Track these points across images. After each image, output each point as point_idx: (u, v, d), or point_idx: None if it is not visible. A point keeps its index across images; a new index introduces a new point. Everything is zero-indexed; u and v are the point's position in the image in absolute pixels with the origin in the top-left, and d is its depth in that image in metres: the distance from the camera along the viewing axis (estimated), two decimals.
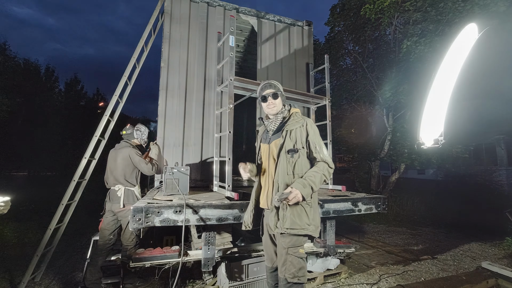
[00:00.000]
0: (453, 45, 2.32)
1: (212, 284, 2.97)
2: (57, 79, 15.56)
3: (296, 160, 1.78)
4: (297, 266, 1.72)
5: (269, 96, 1.93)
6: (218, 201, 2.37)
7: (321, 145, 1.82)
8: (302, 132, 1.82)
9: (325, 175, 1.75)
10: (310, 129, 1.83)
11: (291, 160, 1.78)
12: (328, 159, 1.80)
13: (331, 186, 3.88)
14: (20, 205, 6.50)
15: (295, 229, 1.70)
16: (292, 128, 1.83)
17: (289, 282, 1.71)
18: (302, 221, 1.72)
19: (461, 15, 6.71)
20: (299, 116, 1.92)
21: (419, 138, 2.47)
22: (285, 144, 1.80)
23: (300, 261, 1.74)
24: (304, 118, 1.89)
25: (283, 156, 1.79)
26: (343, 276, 3.44)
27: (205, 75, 4.02)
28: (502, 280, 3.21)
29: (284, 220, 1.71)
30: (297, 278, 1.71)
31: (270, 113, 1.97)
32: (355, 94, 10.74)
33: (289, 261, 1.73)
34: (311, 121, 1.89)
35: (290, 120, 1.89)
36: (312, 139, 1.82)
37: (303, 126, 1.84)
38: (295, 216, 1.71)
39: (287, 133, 1.82)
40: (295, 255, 1.73)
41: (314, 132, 1.84)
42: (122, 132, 3.37)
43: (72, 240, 5.09)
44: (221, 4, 4.27)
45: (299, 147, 1.80)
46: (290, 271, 1.71)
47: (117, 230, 3.14)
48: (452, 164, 10.45)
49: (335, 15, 10.71)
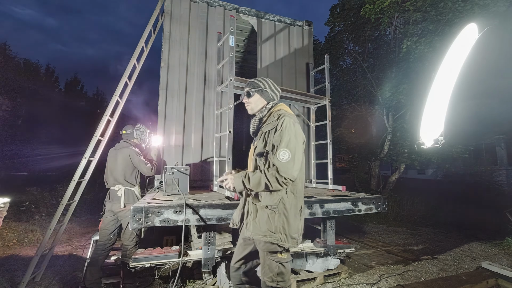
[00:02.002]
0: (453, 45, 2.32)
1: (212, 284, 2.97)
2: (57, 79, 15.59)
3: (264, 162, 1.69)
4: (274, 271, 1.67)
5: (244, 95, 1.91)
6: (218, 201, 2.37)
7: (280, 146, 1.57)
8: (273, 133, 1.67)
9: (268, 180, 1.53)
10: (279, 130, 1.62)
11: (260, 163, 1.71)
12: (281, 164, 1.53)
13: (331, 186, 3.88)
14: (20, 205, 6.50)
15: (257, 234, 1.66)
16: (265, 130, 1.72)
17: (268, 285, 1.68)
18: (263, 227, 1.64)
19: (461, 15, 6.71)
20: (276, 115, 1.73)
21: (419, 138, 2.47)
22: (257, 147, 1.74)
23: (279, 266, 1.68)
24: (280, 119, 1.67)
25: (255, 160, 1.76)
26: (343, 276, 3.44)
27: (205, 75, 4.02)
28: (502, 280, 3.21)
29: (248, 224, 1.72)
30: (275, 282, 1.66)
31: (249, 112, 1.93)
32: (355, 94, 10.74)
33: (267, 264, 1.70)
34: (287, 121, 1.64)
35: (267, 121, 1.79)
36: (276, 140, 1.61)
37: (274, 127, 1.67)
38: (257, 221, 1.68)
39: (261, 136, 1.75)
40: (273, 259, 1.68)
41: (282, 133, 1.60)
42: (122, 132, 3.37)
43: (72, 240, 5.09)
44: (221, 4, 4.27)
45: (269, 149, 1.66)
46: (268, 275, 1.68)
47: (117, 230, 3.14)
48: (452, 164, 10.46)
49: (335, 15, 10.72)
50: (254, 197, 1.73)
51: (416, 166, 9.51)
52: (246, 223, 1.77)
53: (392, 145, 9.24)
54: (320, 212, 2.70)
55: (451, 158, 8.96)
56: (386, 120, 9.71)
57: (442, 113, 2.34)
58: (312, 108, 4.53)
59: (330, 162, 4.03)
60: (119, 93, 3.89)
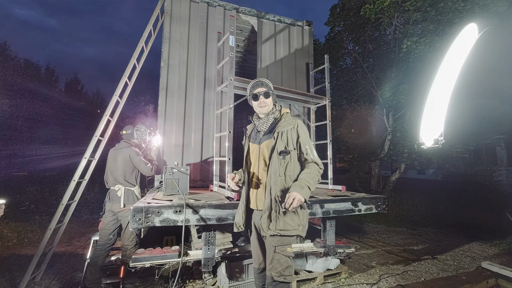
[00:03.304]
0: (453, 45, 2.32)
1: (212, 284, 2.97)
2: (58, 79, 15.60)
3: (287, 161, 1.78)
4: (284, 265, 1.73)
5: (260, 95, 1.90)
6: (218, 201, 2.37)
7: (311, 146, 1.84)
8: (293, 133, 1.82)
9: (317, 175, 1.78)
10: (301, 131, 1.84)
11: (282, 161, 1.77)
12: (318, 160, 1.82)
13: (331, 186, 3.88)
14: (20, 205, 6.50)
15: (287, 230, 1.71)
16: (283, 130, 1.81)
17: (275, 280, 1.71)
18: (294, 222, 1.73)
19: (461, 15, 6.71)
20: (290, 117, 1.91)
21: (419, 138, 2.47)
22: (277, 145, 1.79)
23: (287, 259, 1.75)
24: (295, 120, 1.88)
25: (275, 158, 1.78)
26: (343, 276, 3.44)
27: (205, 75, 4.02)
28: (502, 280, 3.21)
29: (277, 221, 1.71)
30: (283, 277, 1.71)
31: (261, 112, 1.94)
32: (355, 94, 10.74)
33: (276, 259, 1.73)
34: (301, 123, 1.89)
35: (282, 121, 1.87)
36: (303, 141, 1.82)
37: (294, 127, 1.83)
38: (287, 217, 1.71)
39: (278, 135, 1.81)
40: (282, 254, 1.73)
41: (305, 134, 1.85)
42: (122, 132, 3.37)
43: (72, 240, 5.09)
44: (221, 4, 4.27)
45: (290, 148, 1.79)
46: (277, 269, 1.72)
47: (117, 230, 3.14)
48: (452, 164, 10.46)
49: (335, 15, 10.72)
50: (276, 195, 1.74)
51: (416, 166, 9.51)
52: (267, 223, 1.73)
53: (392, 145, 9.24)
54: (320, 212, 2.70)
55: (451, 158, 8.97)
56: (386, 120, 9.71)
57: (442, 113, 2.34)
58: (312, 108, 4.53)
59: (330, 162, 4.03)
60: (119, 93, 3.89)
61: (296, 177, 1.78)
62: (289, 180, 1.77)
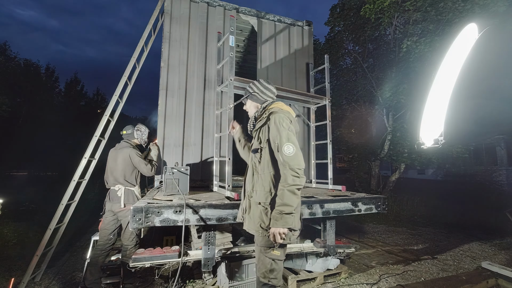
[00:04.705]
0: (453, 45, 2.32)
1: (212, 284, 2.97)
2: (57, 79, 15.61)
3: (258, 159, 1.74)
4: (267, 267, 1.68)
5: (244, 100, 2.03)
6: (218, 201, 2.37)
7: (282, 142, 1.60)
8: (265, 130, 1.72)
9: (291, 186, 1.54)
10: (273, 126, 1.65)
11: (255, 160, 1.76)
12: (290, 159, 1.56)
13: (331, 186, 3.88)
14: (20, 205, 6.50)
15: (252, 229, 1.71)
16: (258, 127, 1.80)
17: (261, 281, 1.71)
18: (256, 223, 1.68)
19: (461, 15, 6.71)
20: (267, 112, 1.79)
21: (419, 138, 2.46)
22: (253, 145, 1.82)
23: (272, 262, 1.68)
24: (271, 115, 1.72)
25: (251, 157, 1.81)
26: (343, 276, 3.44)
27: (205, 75, 4.02)
28: (502, 280, 3.21)
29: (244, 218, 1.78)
30: (267, 279, 1.68)
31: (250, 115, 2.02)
32: (355, 94, 10.74)
33: (261, 260, 1.72)
34: (278, 117, 1.67)
35: (259, 119, 1.84)
36: (273, 137, 1.64)
37: (265, 123, 1.73)
38: (250, 216, 1.72)
39: (255, 134, 1.82)
40: (266, 255, 1.69)
41: (276, 129, 1.64)
42: (122, 132, 3.37)
43: (72, 240, 5.09)
44: (221, 4, 4.27)
45: (263, 146, 1.72)
46: (261, 270, 1.71)
47: (117, 230, 3.14)
48: (452, 164, 10.47)
49: (335, 15, 10.72)
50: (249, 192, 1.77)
51: (416, 166, 9.52)
52: (243, 218, 1.82)
53: (392, 145, 9.24)
54: (320, 212, 2.70)
55: (451, 158, 8.98)
56: (386, 120, 9.71)
57: (442, 113, 2.34)
58: (312, 108, 4.53)
59: (330, 162, 4.03)
60: (119, 93, 3.89)
61: (270, 175, 1.68)
62: (261, 178, 1.70)
